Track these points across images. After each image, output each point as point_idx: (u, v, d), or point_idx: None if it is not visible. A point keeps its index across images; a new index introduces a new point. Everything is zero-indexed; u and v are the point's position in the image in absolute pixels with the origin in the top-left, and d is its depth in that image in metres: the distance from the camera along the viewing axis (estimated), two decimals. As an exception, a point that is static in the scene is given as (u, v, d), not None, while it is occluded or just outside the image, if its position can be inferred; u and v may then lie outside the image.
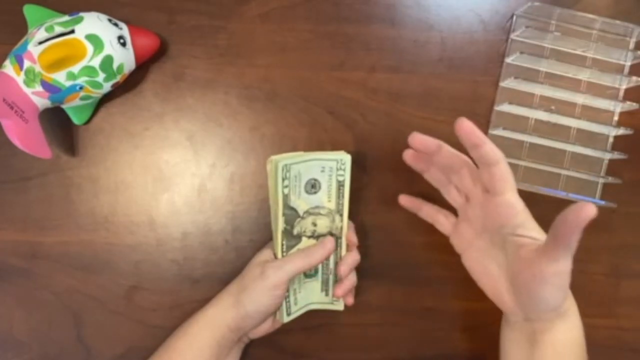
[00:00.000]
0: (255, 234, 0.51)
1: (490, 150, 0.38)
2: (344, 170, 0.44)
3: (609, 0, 0.52)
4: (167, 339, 0.46)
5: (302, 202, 0.44)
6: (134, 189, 0.50)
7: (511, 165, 0.51)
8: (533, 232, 0.40)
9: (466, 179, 0.43)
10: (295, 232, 0.45)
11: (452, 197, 0.45)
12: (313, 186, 0.44)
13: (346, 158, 0.44)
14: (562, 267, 0.36)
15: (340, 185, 0.45)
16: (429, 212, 0.47)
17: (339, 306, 0.48)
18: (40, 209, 0.49)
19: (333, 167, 0.44)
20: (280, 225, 0.44)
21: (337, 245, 0.46)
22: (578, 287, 0.53)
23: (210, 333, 0.44)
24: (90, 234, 0.50)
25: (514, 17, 0.51)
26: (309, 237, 0.46)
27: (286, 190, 0.43)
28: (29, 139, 0.42)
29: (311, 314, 0.48)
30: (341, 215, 0.46)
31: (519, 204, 0.40)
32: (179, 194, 0.50)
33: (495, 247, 0.42)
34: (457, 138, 0.52)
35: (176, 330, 0.46)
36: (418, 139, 0.42)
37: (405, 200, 0.48)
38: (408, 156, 0.45)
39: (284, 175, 0.42)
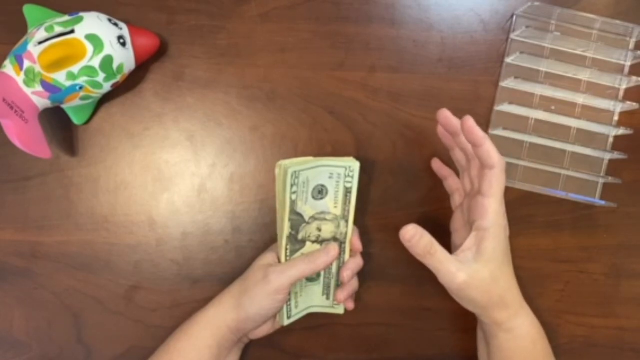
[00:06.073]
0: (255, 234, 0.51)
1: (487, 152, 0.39)
2: (352, 177, 0.44)
3: (609, 0, 0.52)
4: (167, 339, 0.46)
5: (308, 208, 0.44)
6: (134, 189, 0.50)
7: (511, 165, 0.51)
8: (486, 241, 0.40)
9: (474, 170, 0.43)
10: (300, 237, 0.45)
11: (464, 182, 0.46)
12: (320, 192, 0.44)
13: (355, 165, 0.44)
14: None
15: (348, 192, 0.44)
16: (452, 184, 0.47)
17: (339, 310, 0.48)
18: (40, 209, 0.49)
19: (341, 173, 0.44)
20: (285, 230, 0.43)
21: (341, 250, 0.46)
22: (578, 287, 0.53)
23: (210, 333, 0.44)
24: (90, 234, 0.50)
25: (514, 17, 0.51)
26: (313, 242, 0.45)
27: (294, 197, 0.43)
28: (29, 139, 0.42)
29: (311, 315, 0.48)
30: (346, 221, 0.45)
31: (492, 213, 0.40)
32: (179, 194, 0.50)
33: None
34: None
35: (176, 331, 0.46)
36: (444, 115, 0.41)
37: (437, 164, 0.49)
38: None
39: (292, 181, 0.42)
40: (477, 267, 0.40)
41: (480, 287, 0.40)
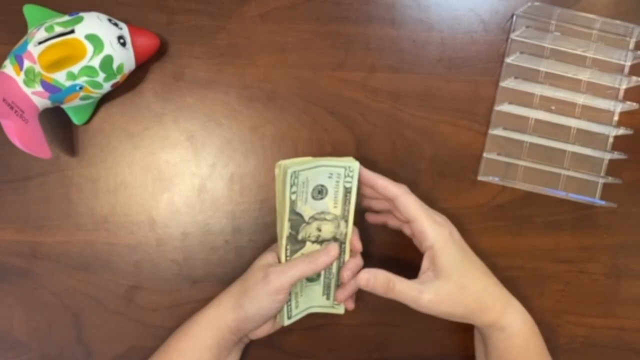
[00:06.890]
0: (255, 234, 0.51)
1: (383, 188, 0.42)
2: (351, 177, 0.44)
3: (609, 0, 0.52)
4: (167, 339, 0.46)
5: (308, 208, 0.44)
6: (134, 189, 0.50)
7: (511, 165, 0.51)
8: (437, 257, 0.42)
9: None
10: (300, 237, 0.45)
11: (399, 217, 0.47)
12: (320, 192, 0.44)
13: (354, 165, 0.43)
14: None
15: (347, 192, 0.44)
16: (393, 224, 0.48)
17: (340, 310, 0.48)
18: (40, 209, 0.49)
19: (341, 173, 0.44)
20: (285, 230, 0.43)
21: (341, 250, 0.46)
22: (578, 287, 0.53)
23: (210, 334, 0.44)
24: (90, 234, 0.50)
25: (514, 17, 0.51)
26: (313, 242, 0.45)
27: (294, 197, 0.43)
28: (29, 139, 0.42)
29: (311, 315, 0.48)
30: (346, 221, 0.45)
31: (426, 231, 0.42)
32: (179, 194, 0.50)
33: None
34: (456, 139, 0.52)
35: (176, 331, 0.46)
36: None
37: (371, 217, 0.50)
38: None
39: (292, 181, 0.42)
40: (439, 283, 0.41)
41: (451, 301, 0.41)
